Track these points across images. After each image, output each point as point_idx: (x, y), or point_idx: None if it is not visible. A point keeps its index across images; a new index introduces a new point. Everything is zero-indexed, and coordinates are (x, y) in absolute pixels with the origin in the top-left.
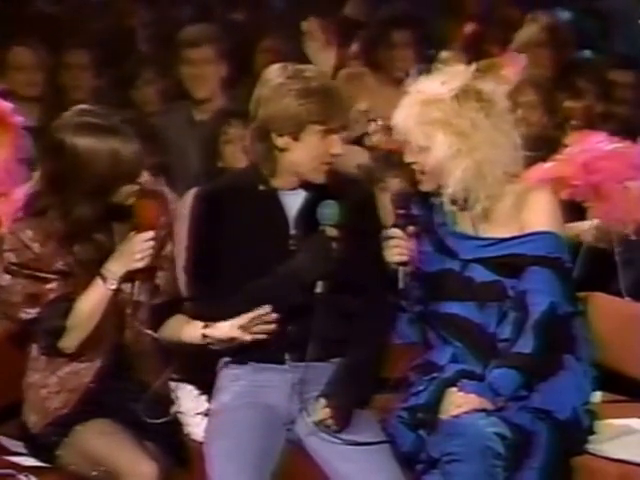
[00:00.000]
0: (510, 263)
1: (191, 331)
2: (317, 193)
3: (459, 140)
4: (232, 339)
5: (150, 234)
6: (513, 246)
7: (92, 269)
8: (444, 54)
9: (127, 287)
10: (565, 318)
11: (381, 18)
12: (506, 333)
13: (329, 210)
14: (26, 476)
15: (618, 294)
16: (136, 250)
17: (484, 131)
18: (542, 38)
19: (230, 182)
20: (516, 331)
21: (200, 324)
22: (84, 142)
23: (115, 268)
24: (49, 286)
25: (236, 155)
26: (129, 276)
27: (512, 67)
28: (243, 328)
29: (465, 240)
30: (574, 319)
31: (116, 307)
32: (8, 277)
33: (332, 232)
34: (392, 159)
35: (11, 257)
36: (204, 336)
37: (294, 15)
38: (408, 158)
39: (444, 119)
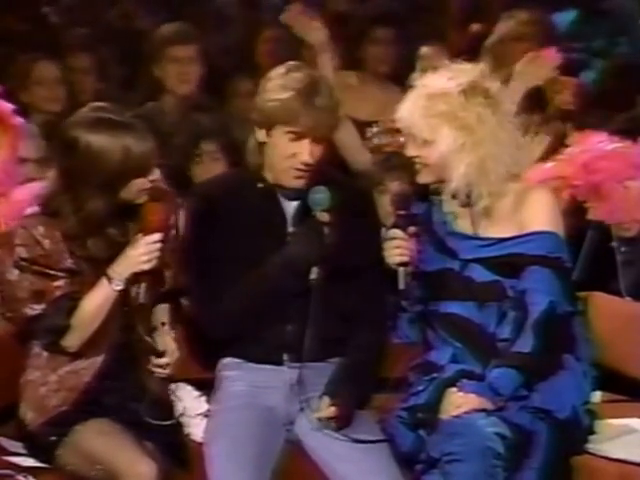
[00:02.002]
0: (510, 263)
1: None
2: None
3: (464, 134)
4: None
5: (157, 236)
6: (513, 246)
7: (101, 268)
8: (425, 49)
9: (132, 289)
10: (565, 317)
11: (364, 15)
12: (506, 333)
13: (320, 195)
14: (25, 476)
15: (618, 294)
16: (142, 252)
17: (489, 126)
18: (519, 32)
19: (228, 180)
20: (516, 331)
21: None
22: (98, 138)
23: (121, 269)
24: (56, 283)
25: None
26: (135, 278)
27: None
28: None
29: (465, 240)
30: (574, 318)
31: (120, 308)
32: (17, 272)
33: (324, 217)
34: (392, 162)
35: (22, 252)
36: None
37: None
38: (411, 152)
39: (450, 112)
